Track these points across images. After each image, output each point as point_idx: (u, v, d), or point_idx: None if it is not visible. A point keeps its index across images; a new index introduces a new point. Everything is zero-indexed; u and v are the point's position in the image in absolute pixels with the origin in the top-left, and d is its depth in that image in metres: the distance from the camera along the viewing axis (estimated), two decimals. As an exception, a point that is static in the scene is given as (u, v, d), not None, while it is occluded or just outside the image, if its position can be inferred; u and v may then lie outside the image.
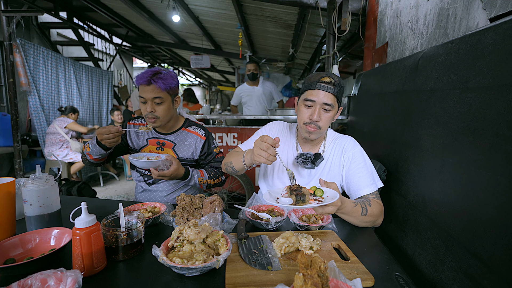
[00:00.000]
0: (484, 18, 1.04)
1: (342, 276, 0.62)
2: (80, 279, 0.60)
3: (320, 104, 1.09)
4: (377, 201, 1.10)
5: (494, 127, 0.73)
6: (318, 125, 1.11)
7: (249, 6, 3.63)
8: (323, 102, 1.08)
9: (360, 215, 1.00)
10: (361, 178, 1.14)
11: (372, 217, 1.03)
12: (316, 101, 1.09)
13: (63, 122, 3.82)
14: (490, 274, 0.69)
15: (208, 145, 1.49)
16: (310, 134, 1.15)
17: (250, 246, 0.85)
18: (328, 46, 2.47)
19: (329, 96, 1.08)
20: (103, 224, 0.80)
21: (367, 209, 1.01)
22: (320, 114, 1.10)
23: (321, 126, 1.12)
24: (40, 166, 1.18)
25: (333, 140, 1.24)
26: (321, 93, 1.08)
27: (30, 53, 3.72)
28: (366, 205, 1.02)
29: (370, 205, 1.04)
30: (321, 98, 1.08)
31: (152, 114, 1.36)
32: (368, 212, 1.01)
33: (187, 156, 1.46)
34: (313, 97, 1.09)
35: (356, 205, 1.00)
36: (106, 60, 6.81)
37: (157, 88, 1.32)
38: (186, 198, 1.08)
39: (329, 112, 1.11)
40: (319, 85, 1.08)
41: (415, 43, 1.62)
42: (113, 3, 4.20)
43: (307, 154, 1.18)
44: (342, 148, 1.21)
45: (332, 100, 1.09)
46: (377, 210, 1.05)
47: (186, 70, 10.67)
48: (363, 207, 1.01)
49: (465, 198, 0.82)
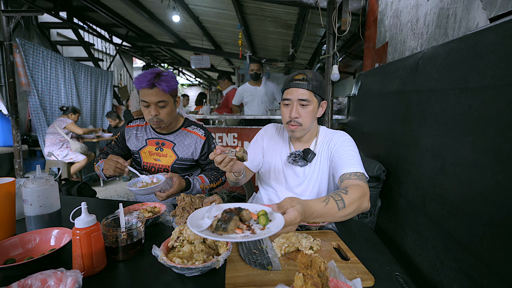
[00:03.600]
0: (484, 18, 1.04)
1: (342, 276, 0.62)
2: (80, 279, 0.60)
3: (296, 101, 1.12)
4: (358, 182, 0.97)
5: (494, 127, 0.73)
6: (298, 121, 1.13)
7: (249, 6, 3.63)
8: (298, 98, 1.11)
9: (338, 211, 0.82)
10: (344, 158, 1.09)
11: (353, 205, 0.86)
12: (291, 99, 1.13)
13: (62, 122, 3.82)
14: (490, 274, 0.69)
15: (208, 145, 1.49)
16: (293, 132, 1.17)
17: (250, 246, 0.85)
18: (328, 46, 2.47)
19: (303, 92, 1.11)
20: (103, 224, 0.80)
21: (343, 200, 0.84)
22: (298, 110, 1.12)
23: (302, 122, 1.14)
24: (40, 166, 1.18)
25: (325, 135, 1.25)
26: (294, 90, 1.12)
27: (30, 53, 3.72)
28: (340, 196, 0.85)
29: (346, 192, 0.87)
30: (295, 95, 1.12)
31: (156, 118, 1.34)
32: (346, 202, 0.84)
33: (186, 156, 1.45)
34: (289, 96, 1.13)
35: (328, 202, 0.81)
36: (106, 60, 6.81)
37: (161, 91, 1.30)
38: (186, 198, 1.08)
39: (307, 107, 1.12)
40: (293, 83, 1.13)
41: (415, 43, 1.62)
42: (113, 3, 4.20)
43: (296, 152, 1.20)
44: (331, 140, 1.20)
45: (307, 95, 1.11)
46: (356, 194, 0.88)
47: (186, 70, 10.67)
48: (337, 200, 0.83)
49: (465, 198, 0.82)
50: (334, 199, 0.83)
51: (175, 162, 1.44)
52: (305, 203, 0.72)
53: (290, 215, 0.65)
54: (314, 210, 0.76)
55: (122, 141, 1.52)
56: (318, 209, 0.78)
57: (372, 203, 1.57)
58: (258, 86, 3.60)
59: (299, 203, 0.69)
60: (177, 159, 1.44)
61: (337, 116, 2.75)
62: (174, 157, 1.44)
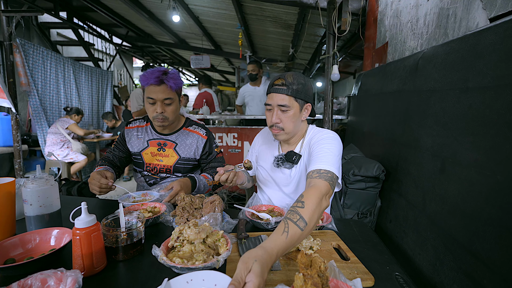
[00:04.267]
0: (484, 18, 1.04)
1: (342, 276, 0.62)
2: (80, 279, 0.60)
3: (276, 106, 1.12)
4: (316, 181, 0.89)
5: (494, 127, 0.73)
6: (279, 126, 1.13)
7: (249, 6, 3.63)
8: (277, 104, 1.11)
9: (302, 232, 0.72)
10: (315, 156, 1.03)
11: (315, 215, 0.76)
12: (272, 104, 1.12)
13: (65, 122, 3.83)
14: (490, 274, 0.69)
15: (210, 144, 1.50)
16: (276, 136, 1.17)
17: (250, 246, 0.85)
18: (328, 46, 2.47)
19: (282, 97, 1.10)
20: (103, 224, 0.80)
21: (302, 218, 0.73)
22: (278, 115, 1.12)
23: (284, 127, 1.13)
24: (40, 166, 1.18)
25: (311, 135, 1.20)
26: (274, 95, 1.11)
27: (30, 53, 3.72)
28: (298, 214, 0.75)
29: (303, 205, 0.77)
30: (275, 101, 1.11)
31: (162, 115, 1.33)
32: (306, 218, 0.74)
33: (189, 156, 1.45)
34: (269, 101, 1.13)
35: (288, 231, 0.70)
36: (106, 60, 6.81)
37: (168, 88, 1.30)
38: (186, 198, 1.08)
39: (287, 112, 1.11)
40: (272, 88, 1.12)
41: (415, 43, 1.62)
42: (113, 3, 4.21)
43: (279, 155, 1.21)
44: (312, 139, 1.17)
45: (287, 101, 1.10)
46: (313, 200, 0.79)
47: (186, 70, 10.67)
48: (297, 221, 0.72)
49: (465, 198, 0.82)
50: (293, 221, 0.72)
51: (177, 162, 1.44)
52: (263, 254, 0.61)
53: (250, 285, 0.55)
54: (277, 251, 0.65)
55: (122, 143, 1.51)
56: (281, 246, 0.67)
57: (372, 203, 1.57)
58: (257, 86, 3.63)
59: (255, 261, 0.58)
60: (179, 159, 1.44)
61: (337, 116, 2.75)
62: (176, 157, 1.44)
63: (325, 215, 1.06)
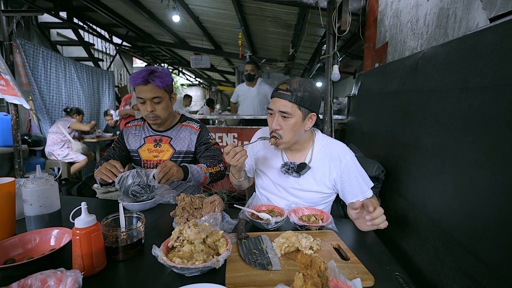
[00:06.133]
0: (484, 18, 1.04)
1: (342, 276, 0.62)
2: (80, 279, 0.60)
3: (277, 112, 1.06)
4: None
5: (494, 127, 0.73)
6: (279, 133, 1.07)
7: (249, 6, 3.63)
8: (279, 110, 1.05)
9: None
10: (355, 187, 1.12)
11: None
12: (274, 109, 1.07)
13: (67, 122, 3.84)
14: (490, 274, 0.69)
15: (203, 135, 1.51)
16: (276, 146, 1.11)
17: (250, 246, 0.85)
18: (328, 46, 2.47)
19: (285, 104, 1.03)
20: (103, 224, 0.80)
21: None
22: (278, 122, 1.06)
23: (282, 135, 1.07)
24: (40, 166, 1.18)
25: (322, 148, 1.18)
26: (277, 100, 1.05)
27: (30, 53, 3.72)
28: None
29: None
30: (277, 106, 1.05)
31: (152, 114, 1.37)
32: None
33: (184, 149, 1.48)
34: (271, 106, 1.08)
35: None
36: (106, 60, 6.81)
37: (155, 87, 1.33)
38: (186, 198, 1.08)
39: (288, 119, 1.05)
40: (276, 93, 1.06)
41: (415, 43, 1.62)
42: (113, 3, 4.20)
43: (290, 163, 1.14)
44: (330, 157, 1.15)
45: (289, 108, 1.03)
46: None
47: (186, 70, 10.67)
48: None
49: (465, 198, 0.82)
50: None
51: (173, 156, 1.47)
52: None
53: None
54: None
55: (121, 141, 1.55)
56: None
57: (372, 203, 1.56)
58: (251, 87, 3.63)
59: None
60: (174, 153, 1.47)
61: (337, 116, 2.75)
62: (172, 151, 1.47)
63: (325, 215, 1.06)
